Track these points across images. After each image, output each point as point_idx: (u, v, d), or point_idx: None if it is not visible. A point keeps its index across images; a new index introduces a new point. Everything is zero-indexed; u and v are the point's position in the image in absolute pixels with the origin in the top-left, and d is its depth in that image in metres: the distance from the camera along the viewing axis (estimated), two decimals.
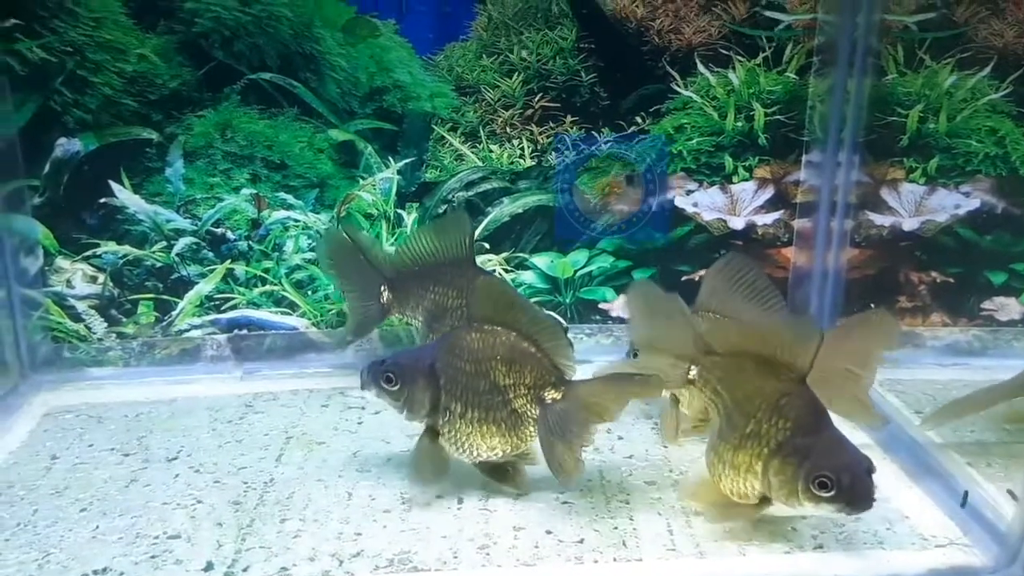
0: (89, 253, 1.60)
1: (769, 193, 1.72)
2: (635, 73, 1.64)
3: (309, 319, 1.69)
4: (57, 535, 1.15)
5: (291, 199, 1.64)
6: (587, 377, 1.23)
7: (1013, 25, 1.60)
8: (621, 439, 1.42)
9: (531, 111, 1.65)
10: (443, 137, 1.66)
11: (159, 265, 1.63)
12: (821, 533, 1.15)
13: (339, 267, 1.54)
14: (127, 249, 1.61)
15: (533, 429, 1.21)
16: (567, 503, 1.22)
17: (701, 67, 1.64)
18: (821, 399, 1.10)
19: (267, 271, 1.67)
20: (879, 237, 1.72)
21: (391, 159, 1.65)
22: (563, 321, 1.71)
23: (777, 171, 1.71)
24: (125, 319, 1.64)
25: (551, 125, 1.66)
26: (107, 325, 1.64)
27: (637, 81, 1.65)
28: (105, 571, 1.07)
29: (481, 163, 1.67)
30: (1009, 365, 1.38)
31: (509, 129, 1.66)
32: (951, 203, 1.70)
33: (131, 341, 1.65)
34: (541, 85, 1.64)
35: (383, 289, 1.50)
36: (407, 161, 1.66)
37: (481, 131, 1.66)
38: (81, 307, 1.62)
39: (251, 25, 1.54)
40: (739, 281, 1.33)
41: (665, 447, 1.39)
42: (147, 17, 1.52)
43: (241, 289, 1.67)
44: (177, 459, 1.35)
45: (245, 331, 1.68)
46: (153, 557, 1.10)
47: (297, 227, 1.65)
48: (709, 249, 1.73)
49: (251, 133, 1.60)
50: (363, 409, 1.52)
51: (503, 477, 1.25)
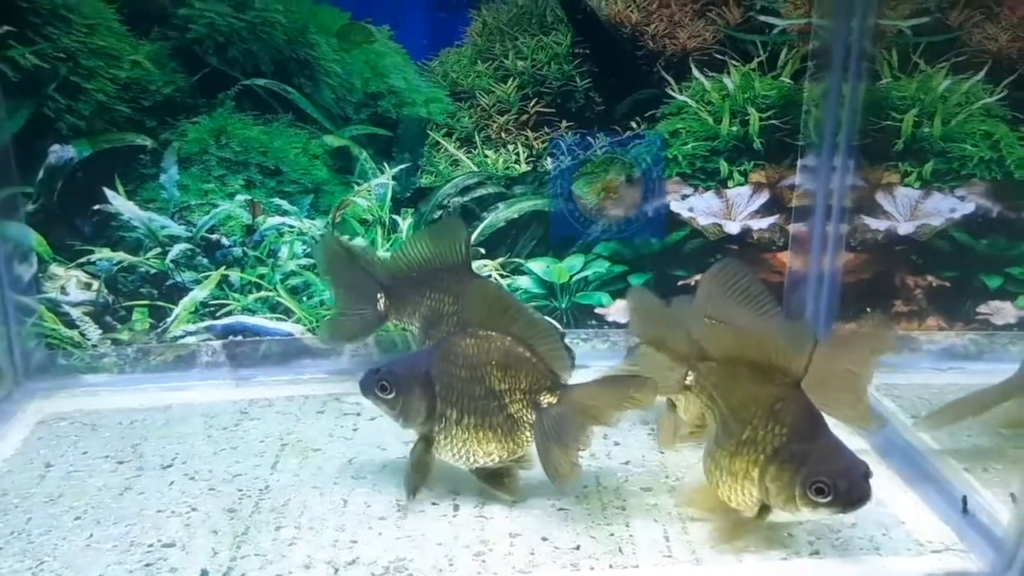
0: (83, 260, 1.60)
1: (764, 197, 1.72)
2: (630, 78, 1.64)
3: (304, 325, 1.69)
4: (51, 543, 1.14)
5: (286, 205, 1.64)
6: (583, 381, 1.22)
7: (1007, 29, 1.60)
8: (617, 445, 1.41)
9: (526, 116, 1.65)
10: (438, 142, 1.65)
11: (154, 271, 1.63)
12: (817, 539, 1.15)
13: (335, 273, 1.53)
14: (121, 256, 1.61)
15: (529, 434, 1.21)
16: (563, 509, 1.22)
17: (696, 72, 1.64)
18: (819, 404, 1.10)
19: (262, 277, 1.66)
20: (874, 241, 1.72)
21: (386, 165, 1.65)
22: (560, 327, 1.71)
23: (772, 175, 1.71)
24: (120, 326, 1.64)
25: (546, 130, 1.66)
26: (101, 332, 1.63)
27: (632, 86, 1.64)
28: None
29: (476, 168, 1.67)
30: (1005, 369, 1.37)
31: (504, 134, 1.66)
32: (946, 207, 1.70)
33: (126, 348, 1.65)
34: (536, 90, 1.64)
35: (380, 295, 1.50)
36: (402, 167, 1.65)
37: (476, 136, 1.66)
38: (75, 314, 1.62)
39: (245, 31, 1.54)
40: (733, 287, 1.33)
41: (661, 453, 1.39)
42: (140, 23, 1.52)
43: (236, 295, 1.66)
44: (172, 466, 1.34)
45: (240, 337, 1.68)
46: (148, 565, 1.09)
47: (292, 233, 1.65)
48: (705, 254, 1.73)
49: (245, 139, 1.59)
50: (358, 416, 1.52)
51: (499, 483, 1.24)
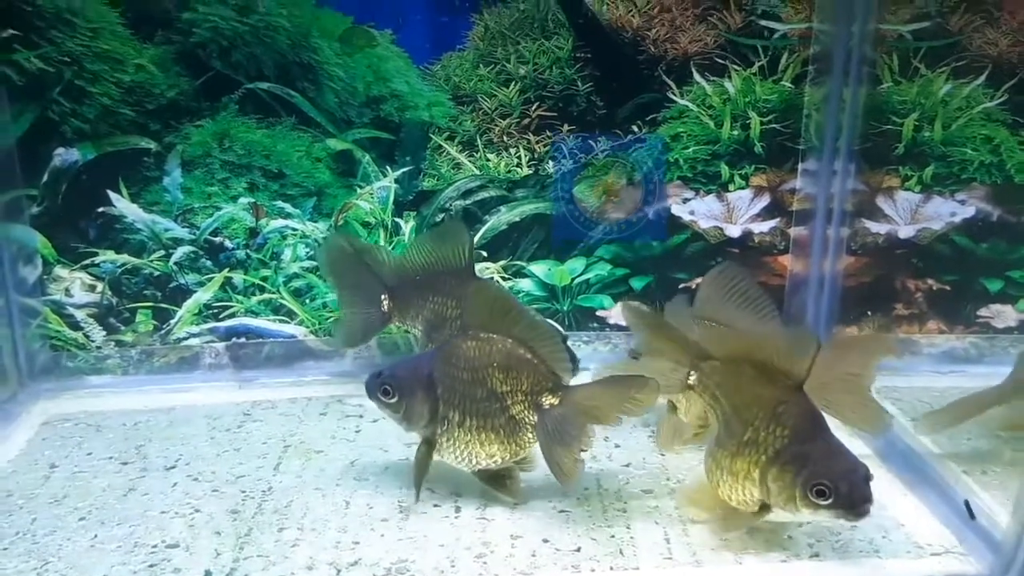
0: (87, 262, 1.61)
1: (765, 201, 1.72)
2: (631, 82, 1.65)
3: (307, 327, 1.70)
4: (56, 544, 1.15)
5: (289, 208, 1.64)
6: (584, 381, 1.23)
7: (1007, 34, 1.61)
8: (618, 447, 1.42)
9: (528, 120, 1.66)
10: (440, 146, 1.66)
11: (157, 274, 1.63)
12: (817, 541, 1.16)
13: (340, 275, 1.53)
14: (125, 258, 1.62)
15: (531, 435, 1.21)
16: (564, 511, 1.23)
17: (697, 76, 1.65)
18: (825, 408, 1.11)
19: (265, 279, 1.67)
20: (875, 245, 1.72)
21: (389, 168, 1.66)
22: (562, 330, 1.71)
23: (773, 179, 1.71)
24: (123, 327, 1.65)
25: (548, 134, 1.66)
26: (105, 333, 1.64)
27: (633, 90, 1.65)
28: None
29: (478, 172, 1.68)
30: (1006, 372, 1.37)
31: (506, 138, 1.67)
32: (947, 211, 1.70)
33: (130, 349, 1.65)
34: (538, 94, 1.65)
35: (384, 297, 1.51)
36: (404, 170, 1.66)
37: (478, 140, 1.66)
38: (80, 316, 1.63)
39: (248, 35, 1.55)
40: (732, 290, 1.33)
41: (662, 455, 1.39)
42: (144, 27, 1.53)
43: (239, 297, 1.67)
44: (175, 468, 1.35)
45: (243, 339, 1.69)
46: (151, 566, 1.10)
47: (295, 236, 1.66)
48: (706, 257, 1.73)
49: (249, 142, 1.60)
50: (361, 417, 1.52)
51: (501, 485, 1.25)
